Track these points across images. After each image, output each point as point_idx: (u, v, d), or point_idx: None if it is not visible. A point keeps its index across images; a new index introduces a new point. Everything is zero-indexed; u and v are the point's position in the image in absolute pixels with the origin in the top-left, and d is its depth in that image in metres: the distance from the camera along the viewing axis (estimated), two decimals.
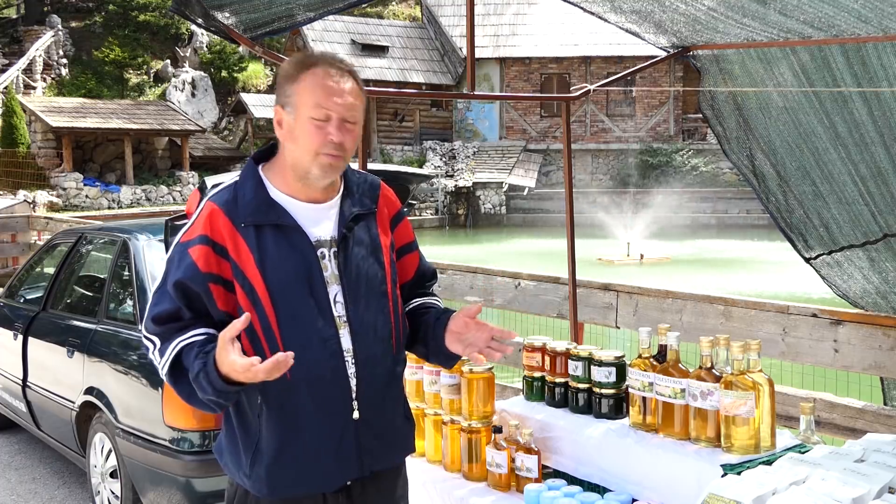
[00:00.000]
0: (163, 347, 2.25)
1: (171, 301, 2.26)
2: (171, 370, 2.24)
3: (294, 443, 2.30)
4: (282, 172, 2.35)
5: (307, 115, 2.25)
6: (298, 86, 2.27)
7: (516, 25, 35.59)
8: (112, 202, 28.84)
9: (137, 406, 4.89)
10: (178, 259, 2.28)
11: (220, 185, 2.39)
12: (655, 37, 4.15)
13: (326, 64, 2.28)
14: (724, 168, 31.32)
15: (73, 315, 5.98)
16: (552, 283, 6.05)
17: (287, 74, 2.30)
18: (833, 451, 2.68)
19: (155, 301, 2.29)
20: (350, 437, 2.33)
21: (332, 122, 2.25)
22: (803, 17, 3.27)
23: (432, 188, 30.95)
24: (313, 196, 2.35)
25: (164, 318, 2.26)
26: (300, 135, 2.27)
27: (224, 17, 3.62)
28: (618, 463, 2.95)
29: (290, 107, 2.28)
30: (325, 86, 2.25)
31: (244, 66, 37.16)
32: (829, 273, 4.42)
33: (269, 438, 2.30)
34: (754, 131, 4.19)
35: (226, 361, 2.08)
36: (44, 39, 34.01)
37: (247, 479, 2.33)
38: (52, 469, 6.47)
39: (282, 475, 2.31)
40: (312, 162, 2.27)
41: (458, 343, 2.42)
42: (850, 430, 4.48)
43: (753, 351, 2.69)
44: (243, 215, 2.28)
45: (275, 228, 2.29)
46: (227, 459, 2.41)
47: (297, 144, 2.28)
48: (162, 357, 2.25)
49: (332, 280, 2.32)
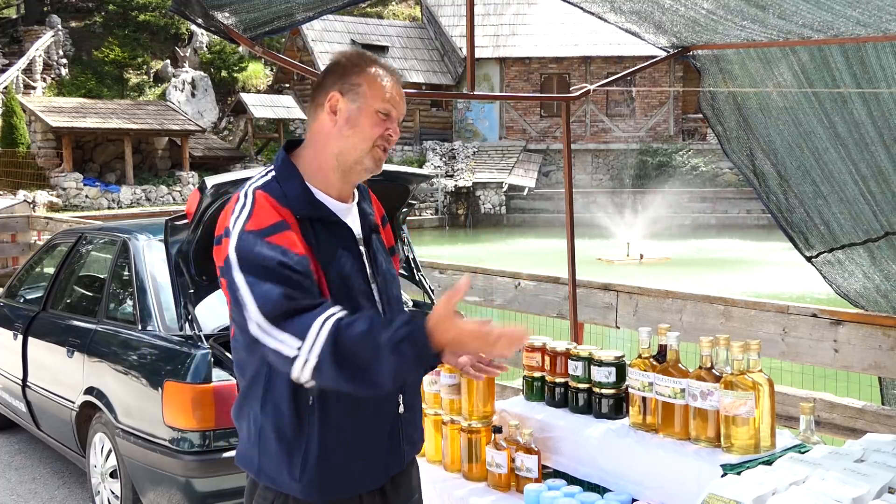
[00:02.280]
0: (297, 330, 2.04)
1: (285, 279, 2.08)
2: (333, 349, 2.01)
3: (348, 442, 2.27)
4: (316, 169, 2.31)
5: (375, 106, 2.28)
6: (367, 76, 2.29)
7: (516, 25, 35.59)
8: (112, 202, 28.84)
9: (137, 406, 4.89)
10: (260, 246, 2.12)
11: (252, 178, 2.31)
12: (655, 37, 4.15)
13: (385, 67, 2.34)
14: (724, 168, 31.32)
15: (73, 315, 5.98)
16: (552, 283, 6.06)
17: (353, 63, 2.31)
18: (833, 451, 2.68)
19: (261, 285, 2.08)
20: (396, 431, 2.37)
21: (392, 119, 2.31)
22: (802, 20, 3.28)
23: (432, 188, 30.95)
24: (344, 194, 2.35)
25: (289, 296, 2.07)
26: (362, 124, 2.28)
27: (224, 16, 3.62)
28: (618, 463, 2.95)
29: (355, 94, 2.28)
30: (393, 86, 2.31)
31: (244, 66, 37.15)
32: (829, 271, 4.42)
33: (323, 440, 2.23)
34: (754, 131, 4.20)
35: (454, 328, 1.96)
36: (44, 39, 34.00)
37: (296, 483, 2.24)
38: (51, 469, 6.47)
39: (336, 476, 2.26)
40: (367, 152, 2.29)
41: None
42: (850, 430, 4.48)
43: (753, 351, 2.69)
44: (297, 208, 2.23)
45: (323, 223, 2.26)
46: (265, 468, 2.28)
47: (355, 132, 2.28)
48: (303, 340, 2.02)
49: (371, 278, 2.35)
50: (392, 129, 2.30)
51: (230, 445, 4.43)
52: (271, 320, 2.06)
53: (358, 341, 2.00)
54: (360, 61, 2.31)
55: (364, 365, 2.01)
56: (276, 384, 2.22)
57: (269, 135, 34.46)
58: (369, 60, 2.32)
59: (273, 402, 2.23)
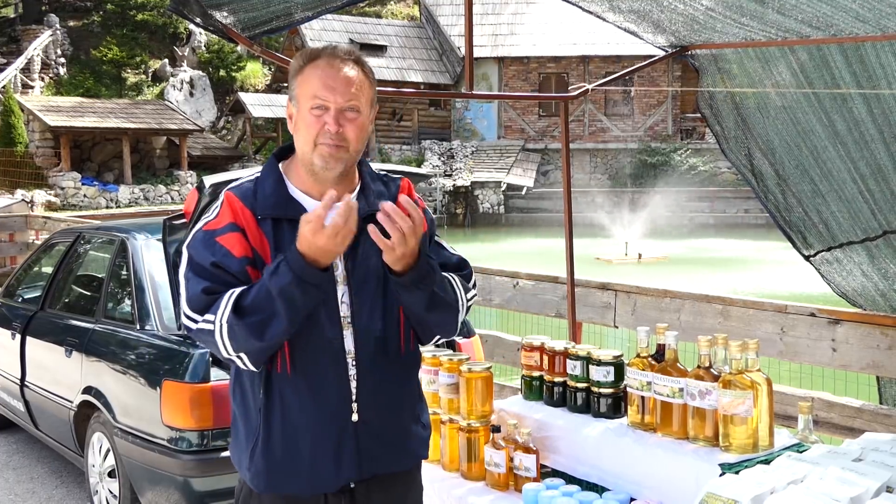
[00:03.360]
0: (213, 309, 2.20)
1: (213, 275, 2.24)
2: (233, 312, 2.16)
3: (292, 440, 2.31)
4: (297, 169, 2.37)
5: (308, 104, 2.28)
6: (301, 78, 2.31)
7: (515, 25, 35.59)
8: (110, 201, 28.82)
9: (135, 405, 4.88)
10: (205, 244, 2.28)
11: (238, 179, 2.40)
12: (654, 36, 4.15)
13: (329, 55, 2.30)
14: (722, 167, 31.35)
15: (71, 314, 5.97)
16: (550, 283, 6.06)
17: (293, 68, 2.34)
18: (831, 450, 2.69)
19: (193, 281, 2.25)
20: (349, 439, 2.32)
21: (329, 112, 2.26)
22: (801, 16, 3.28)
23: (430, 188, 30.95)
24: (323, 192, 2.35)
25: (210, 290, 2.22)
26: (301, 126, 2.30)
27: (222, 16, 3.62)
28: (616, 462, 2.95)
29: (295, 100, 2.33)
30: (324, 76, 2.27)
31: (242, 65, 37.14)
32: (828, 270, 4.42)
33: (268, 434, 2.31)
34: (752, 130, 4.20)
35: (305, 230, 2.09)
36: (42, 39, 33.97)
37: (247, 471, 2.36)
38: (49, 468, 6.46)
39: (278, 471, 2.32)
40: (313, 152, 2.29)
41: None
42: (848, 430, 4.49)
43: (751, 350, 2.69)
44: (262, 208, 2.30)
45: (291, 223, 2.27)
46: (233, 453, 2.46)
47: (299, 135, 2.31)
48: (215, 314, 2.18)
49: (340, 280, 2.32)
50: (329, 123, 2.25)
51: (228, 445, 4.42)
52: (197, 312, 2.23)
53: (252, 292, 2.16)
54: (297, 64, 2.32)
55: (261, 308, 2.14)
56: (242, 375, 2.35)
57: (268, 134, 34.44)
58: (309, 58, 2.32)
59: (240, 392, 2.38)
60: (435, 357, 3.39)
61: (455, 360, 3.33)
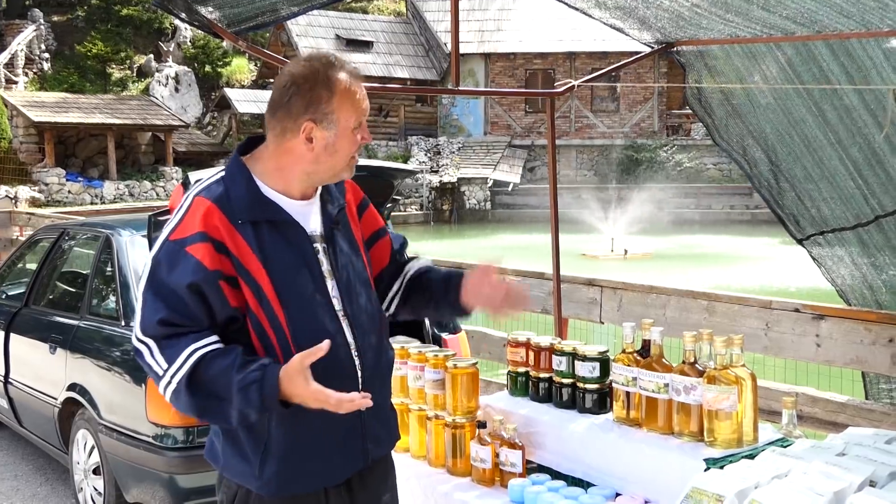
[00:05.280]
0: (169, 354, 2.16)
1: (176, 303, 2.17)
2: (188, 379, 2.14)
3: (306, 439, 2.29)
4: (276, 171, 2.32)
5: (350, 126, 2.28)
6: (338, 99, 2.25)
7: (501, 21, 35.58)
8: (95, 198, 28.67)
9: (120, 402, 4.87)
10: (173, 258, 2.19)
11: (205, 179, 2.34)
12: (639, 33, 4.16)
13: (343, 68, 2.28)
14: (707, 164, 31.46)
15: (56, 311, 5.95)
16: (537, 279, 6.06)
17: (320, 82, 2.24)
18: (815, 444, 2.70)
19: (153, 303, 2.19)
20: (357, 429, 2.36)
21: (362, 126, 2.31)
22: (786, 12, 3.29)
23: (417, 184, 30.93)
24: (305, 192, 2.35)
25: (171, 322, 2.17)
26: (343, 147, 2.29)
27: (207, 11, 3.61)
28: (602, 457, 2.95)
29: (329, 122, 2.26)
30: (360, 98, 2.29)
31: (228, 61, 36.99)
32: (820, 254, 4.45)
33: (280, 437, 2.27)
34: (744, 119, 4.22)
35: (302, 387, 2.09)
36: (25, 34, 33.74)
37: (256, 480, 2.29)
38: (34, 466, 6.43)
39: (293, 472, 2.29)
40: (346, 166, 2.33)
41: (474, 298, 2.51)
42: (831, 424, 4.51)
43: (736, 346, 2.70)
44: (238, 211, 2.24)
45: (271, 225, 2.27)
46: (229, 463, 2.35)
47: (334, 157, 2.29)
48: (171, 363, 2.15)
49: (328, 274, 2.34)
50: (366, 136, 2.32)
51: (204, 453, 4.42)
52: (150, 338, 2.19)
53: (215, 376, 2.13)
54: (328, 90, 2.24)
55: (215, 399, 2.14)
56: None
57: (254, 130, 34.33)
58: (334, 73, 2.25)
59: None
60: (421, 353, 3.39)
61: (441, 356, 3.33)
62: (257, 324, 2.23)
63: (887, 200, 3.97)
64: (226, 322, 2.23)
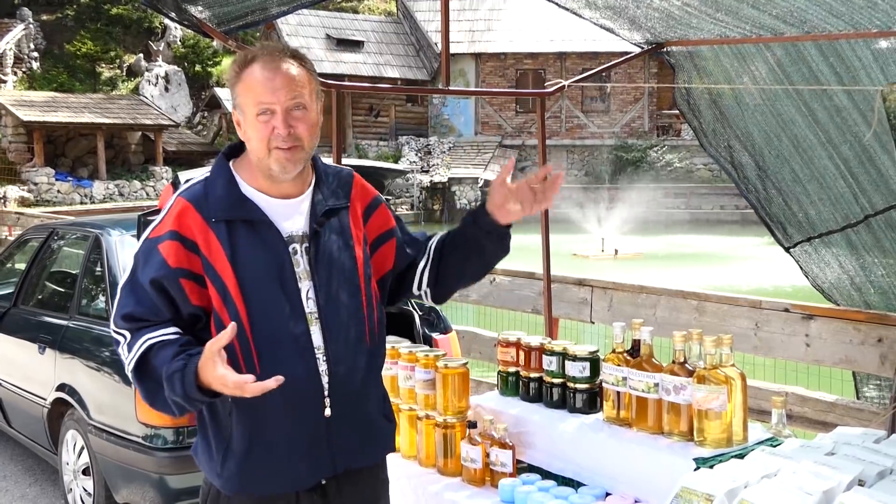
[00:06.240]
0: (131, 342, 2.24)
1: (142, 298, 2.25)
2: (136, 367, 2.24)
3: (265, 441, 2.29)
4: (251, 169, 2.34)
5: (253, 111, 2.25)
6: (241, 86, 2.27)
7: (492, 21, 35.59)
8: (84, 197, 28.57)
9: (110, 403, 4.85)
10: (147, 255, 2.26)
11: (192, 180, 2.36)
12: (630, 33, 4.17)
13: (264, 57, 2.26)
14: (697, 164, 31.52)
15: (45, 311, 5.92)
16: (527, 279, 6.07)
17: (230, 77, 2.31)
18: (804, 444, 2.71)
19: (125, 297, 2.28)
20: (322, 435, 2.31)
21: (276, 115, 2.24)
22: (776, 11, 3.30)
23: (407, 183, 30.93)
24: (284, 191, 2.34)
25: (135, 316, 2.25)
26: (251, 134, 2.28)
27: (197, 10, 3.60)
28: (592, 457, 2.96)
29: (239, 108, 2.29)
30: (263, 80, 2.24)
31: (218, 60, 36.90)
32: (807, 261, 4.46)
33: (240, 436, 2.28)
34: (731, 123, 4.22)
35: (212, 373, 2.08)
36: (14, 32, 33.58)
37: (218, 477, 2.31)
38: (23, 466, 6.41)
39: (252, 473, 2.29)
40: (268, 158, 2.27)
41: (505, 211, 2.43)
42: (821, 424, 4.53)
43: (726, 345, 2.71)
44: (214, 210, 2.26)
45: (246, 224, 2.27)
46: (201, 458, 2.40)
47: (252, 143, 2.29)
48: (130, 352, 2.24)
49: (303, 276, 2.31)
50: (279, 126, 2.23)
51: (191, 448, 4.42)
52: (123, 329, 2.27)
53: (157, 365, 2.20)
54: (234, 72, 2.28)
55: (158, 386, 2.20)
56: None
57: None
58: (244, 63, 2.27)
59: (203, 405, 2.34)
60: (412, 353, 3.39)
61: (432, 356, 3.33)
62: (220, 323, 2.22)
63: (878, 198, 3.98)
64: (191, 319, 2.26)
